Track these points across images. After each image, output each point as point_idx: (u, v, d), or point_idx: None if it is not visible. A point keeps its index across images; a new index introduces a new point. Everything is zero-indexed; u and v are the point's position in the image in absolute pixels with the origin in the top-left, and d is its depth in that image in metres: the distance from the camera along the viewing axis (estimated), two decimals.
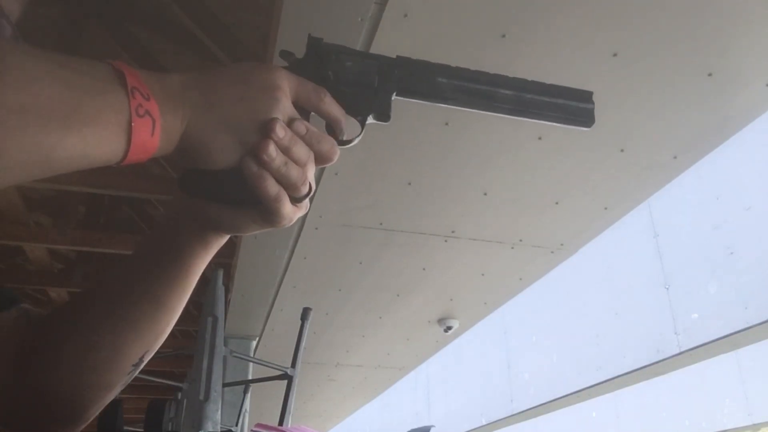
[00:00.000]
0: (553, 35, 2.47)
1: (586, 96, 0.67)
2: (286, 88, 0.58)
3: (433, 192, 3.55)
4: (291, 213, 0.58)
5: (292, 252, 4.16)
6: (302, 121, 0.58)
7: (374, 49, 2.34)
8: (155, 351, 0.70)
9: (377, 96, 0.64)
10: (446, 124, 2.97)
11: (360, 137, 0.65)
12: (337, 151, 0.61)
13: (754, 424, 5.29)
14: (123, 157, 0.50)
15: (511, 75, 0.65)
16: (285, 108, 0.57)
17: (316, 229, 3.88)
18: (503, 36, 2.45)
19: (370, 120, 0.65)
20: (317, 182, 3.34)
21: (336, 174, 3.32)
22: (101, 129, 0.48)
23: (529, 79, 0.66)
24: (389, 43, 2.39)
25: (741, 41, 2.53)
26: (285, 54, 0.62)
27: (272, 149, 0.55)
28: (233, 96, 0.55)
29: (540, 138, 3.08)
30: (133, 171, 3.84)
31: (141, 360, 0.68)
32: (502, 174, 3.38)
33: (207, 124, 0.54)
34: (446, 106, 0.66)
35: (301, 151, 0.57)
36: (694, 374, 5.00)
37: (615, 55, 2.55)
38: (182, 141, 0.54)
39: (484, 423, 6.54)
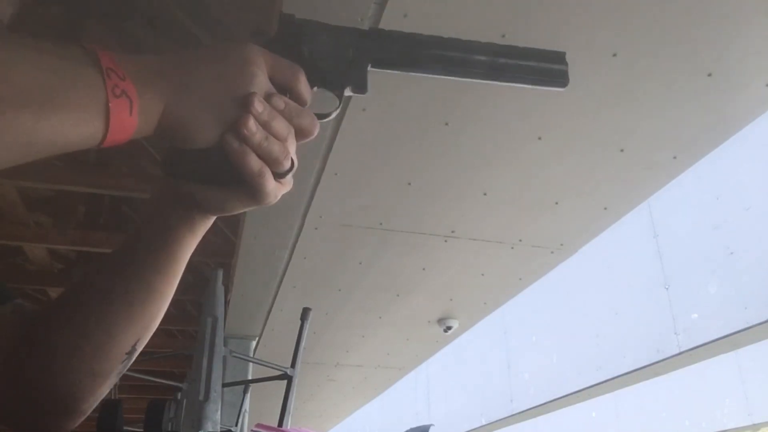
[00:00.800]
0: (553, 35, 2.46)
1: (559, 57, 0.67)
2: (262, 64, 0.58)
3: (433, 192, 3.55)
4: (275, 190, 0.59)
5: (292, 252, 4.16)
6: (280, 96, 0.58)
7: None
8: (147, 339, 0.70)
9: (353, 68, 0.64)
10: (446, 124, 2.97)
11: (338, 111, 0.65)
12: (317, 125, 0.61)
13: (754, 424, 5.28)
14: (102, 139, 0.50)
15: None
16: (262, 83, 0.57)
17: (316, 229, 3.88)
18: (503, 36, 2.45)
19: (347, 92, 0.65)
20: (316, 183, 3.34)
21: (336, 174, 3.32)
22: (78, 111, 0.48)
23: (504, 44, 0.66)
24: None
25: (741, 41, 2.53)
26: (257, 34, 0.62)
27: (252, 124, 0.55)
28: (210, 74, 0.56)
29: (540, 138, 3.08)
30: (133, 171, 3.84)
31: (134, 348, 0.68)
32: (501, 174, 3.38)
33: (185, 103, 0.54)
34: (423, 75, 0.66)
35: (280, 125, 0.57)
36: (694, 374, 4.99)
37: (615, 55, 2.55)
38: (162, 121, 0.54)
39: (484, 423, 6.54)
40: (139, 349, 0.69)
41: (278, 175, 0.58)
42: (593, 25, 2.43)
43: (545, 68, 0.67)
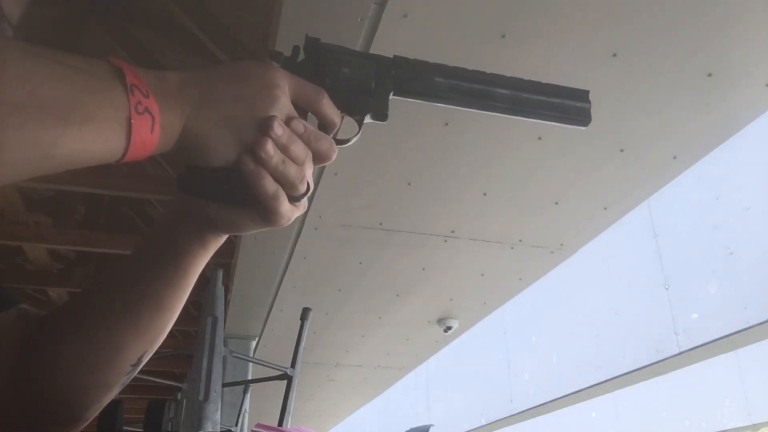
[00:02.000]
0: (552, 35, 2.47)
1: (582, 95, 0.67)
2: (285, 87, 0.58)
3: (433, 192, 3.55)
4: (289, 212, 0.58)
5: (292, 252, 4.16)
6: (300, 120, 0.58)
7: (374, 49, 2.34)
8: (153, 351, 0.70)
9: (374, 96, 0.64)
10: (446, 124, 2.97)
11: (357, 137, 0.64)
12: (335, 150, 0.61)
13: (754, 424, 5.28)
14: (123, 155, 0.50)
15: (510, 75, 0.65)
16: (283, 106, 0.57)
17: (316, 229, 3.88)
18: (503, 36, 2.45)
19: (367, 120, 0.65)
20: (316, 182, 3.34)
21: (336, 174, 3.32)
22: (100, 126, 0.48)
23: (527, 78, 0.66)
24: (389, 43, 2.39)
25: (741, 42, 2.53)
26: (274, 54, 0.62)
27: (270, 147, 0.55)
28: (231, 94, 0.56)
29: (540, 138, 3.08)
30: (133, 171, 3.84)
31: (140, 360, 0.68)
32: (501, 174, 3.38)
33: (205, 121, 0.54)
34: (445, 105, 0.66)
35: (299, 149, 0.57)
36: (693, 374, 4.99)
37: (615, 55, 2.55)
38: (181, 138, 0.54)
39: (483, 423, 6.54)
40: (145, 360, 0.69)
41: (293, 198, 0.58)
42: (593, 25, 2.43)
43: (568, 105, 0.66)
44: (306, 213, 3.74)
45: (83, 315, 0.67)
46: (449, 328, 5.49)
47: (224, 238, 0.65)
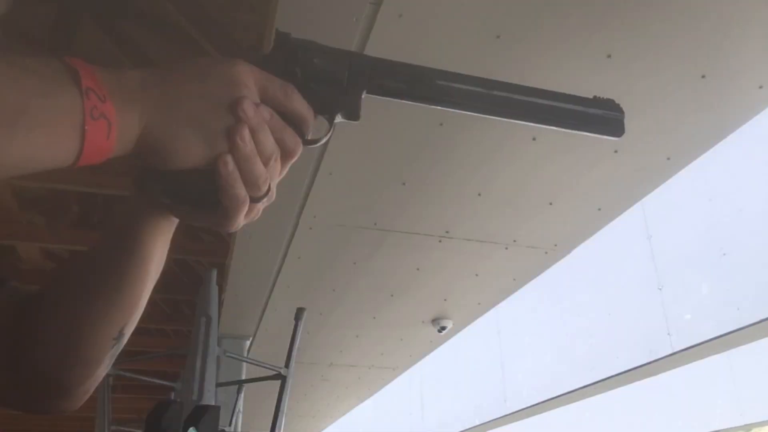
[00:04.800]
0: (547, 36, 2.47)
1: (611, 105, 0.66)
2: (251, 83, 0.56)
3: (428, 192, 3.56)
4: (242, 220, 0.58)
5: (286, 252, 4.15)
6: (267, 107, 0.57)
7: (369, 50, 2.34)
8: (134, 324, 0.71)
9: (346, 94, 0.62)
10: (441, 124, 2.97)
11: (328, 137, 0.63)
12: (301, 145, 0.59)
13: (746, 425, 5.31)
14: (76, 160, 0.48)
15: (505, 76, 0.65)
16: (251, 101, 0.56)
17: (310, 228, 3.87)
18: (498, 37, 2.45)
19: (338, 119, 0.63)
20: (310, 182, 3.34)
21: (330, 174, 3.32)
22: (51, 132, 0.46)
23: (524, 84, 0.65)
24: (384, 44, 2.39)
25: (734, 43, 2.54)
26: (252, 50, 0.61)
27: (246, 133, 0.54)
28: (196, 92, 0.54)
29: (534, 139, 3.09)
30: (127, 171, 3.82)
31: (121, 333, 0.69)
32: (496, 175, 3.39)
33: (166, 123, 0.52)
34: (423, 105, 0.65)
35: (267, 139, 0.56)
36: (686, 375, 5.01)
37: (609, 56, 2.56)
38: (140, 141, 0.52)
39: (477, 423, 6.54)
40: (127, 333, 0.70)
41: (253, 200, 0.57)
42: (588, 26, 2.43)
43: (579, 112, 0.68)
44: (300, 212, 3.74)
45: (61, 295, 0.68)
46: (443, 328, 5.50)
47: (177, 221, 0.66)
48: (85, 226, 4.65)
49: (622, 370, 4.46)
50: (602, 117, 0.66)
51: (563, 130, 0.65)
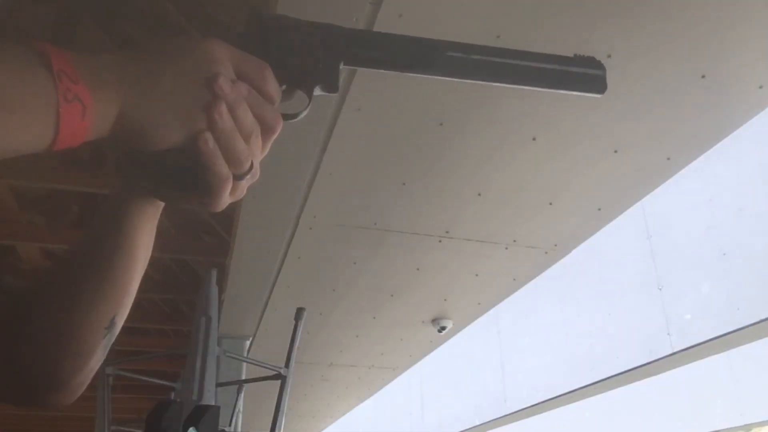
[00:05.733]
0: (547, 36, 2.47)
1: (591, 62, 0.66)
2: (225, 60, 0.56)
3: (428, 192, 3.56)
4: (227, 199, 0.58)
5: (286, 252, 4.15)
6: (243, 83, 0.56)
7: None
8: (125, 314, 0.71)
9: (323, 66, 0.61)
10: (441, 124, 2.97)
11: (307, 111, 0.62)
12: (281, 121, 0.59)
13: (746, 425, 5.31)
14: (51, 143, 0.48)
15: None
16: (227, 78, 0.56)
17: (310, 228, 3.87)
18: (498, 37, 2.45)
19: (317, 92, 0.62)
20: (310, 182, 3.33)
21: (330, 174, 3.31)
22: (25, 116, 0.46)
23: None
24: None
25: (734, 43, 2.54)
26: (226, 29, 0.61)
27: (224, 108, 0.54)
28: (171, 71, 0.54)
29: (534, 139, 3.08)
30: None
31: (112, 323, 0.69)
32: (496, 174, 3.39)
33: (143, 105, 0.52)
34: (396, 72, 0.64)
35: (246, 115, 0.56)
36: (686, 375, 5.01)
37: (609, 56, 2.56)
38: (118, 122, 0.52)
39: (477, 423, 6.54)
40: (119, 323, 0.71)
41: (236, 177, 0.57)
42: (587, 25, 2.43)
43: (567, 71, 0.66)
44: (300, 213, 3.74)
45: (52, 287, 0.69)
46: (443, 328, 5.49)
47: (161, 205, 0.66)
48: (85, 226, 4.65)
49: (622, 370, 4.46)
50: (584, 75, 0.66)
51: (545, 90, 0.65)
